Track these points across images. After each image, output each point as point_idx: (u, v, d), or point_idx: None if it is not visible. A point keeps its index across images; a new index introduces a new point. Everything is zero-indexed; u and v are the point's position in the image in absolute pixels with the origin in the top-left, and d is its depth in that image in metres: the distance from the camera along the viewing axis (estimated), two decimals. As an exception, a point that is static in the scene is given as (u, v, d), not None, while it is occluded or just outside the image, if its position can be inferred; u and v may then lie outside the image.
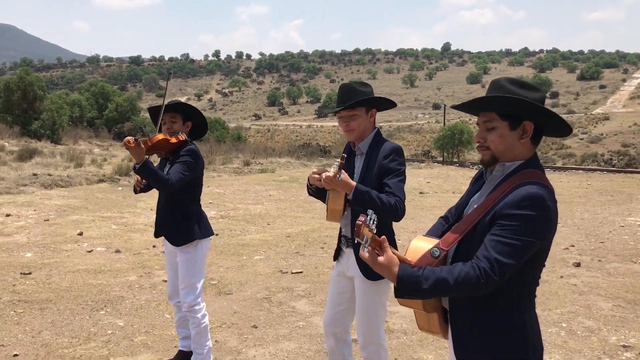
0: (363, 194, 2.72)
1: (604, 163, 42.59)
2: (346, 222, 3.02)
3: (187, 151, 3.65)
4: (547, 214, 1.85)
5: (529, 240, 1.82)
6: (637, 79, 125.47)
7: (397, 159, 2.88)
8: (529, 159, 2.00)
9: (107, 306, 5.29)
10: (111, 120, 44.77)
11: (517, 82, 2.02)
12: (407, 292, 1.85)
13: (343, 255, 3.12)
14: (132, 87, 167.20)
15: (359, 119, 2.92)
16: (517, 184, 1.91)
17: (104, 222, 9.30)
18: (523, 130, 1.98)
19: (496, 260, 1.80)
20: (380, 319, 3.01)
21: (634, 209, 11.87)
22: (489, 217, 1.91)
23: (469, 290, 1.83)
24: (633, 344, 4.51)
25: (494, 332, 1.94)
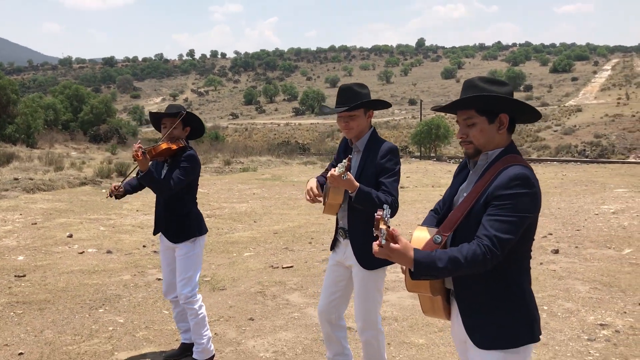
0: (365, 194, 2.93)
1: (577, 154, 43.47)
2: (343, 214, 3.21)
3: (187, 157, 3.89)
4: (534, 191, 2.10)
5: (522, 216, 2.06)
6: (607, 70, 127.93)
7: (393, 159, 3.10)
8: (507, 146, 2.25)
9: (106, 304, 5.43)
10: (87, 123, 44.28)
11: (487, 79, 2.27)
12: (424, 272, 2.03)
13: (340, 245, 3.31)
14: (107, 88, 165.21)
15: (358, 120, 3.13)
16: (502, 167, 2.15)
17: (92, 224, 9.37)
18: (500, 122, 2.23)
19: (496, 237, 2.03)
20: (377, 304, 3.22)
21: (607, 197, 12.28)
22: (482, 201, 2.14)
23: (477, 266, 2.04)
24: (609, 322, 4.80)
25: (498, 302, 2.17)
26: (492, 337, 2.18)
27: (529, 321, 2.18)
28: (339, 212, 3.20)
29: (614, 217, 9.79)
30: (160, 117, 3.99)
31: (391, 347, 4.39)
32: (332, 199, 3.05)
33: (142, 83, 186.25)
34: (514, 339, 2.16)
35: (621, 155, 42.93)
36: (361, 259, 3.13)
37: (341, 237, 3.28)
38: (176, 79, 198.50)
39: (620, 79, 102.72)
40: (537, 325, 2.20)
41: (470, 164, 2.36)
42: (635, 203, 11.21)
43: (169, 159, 3.97)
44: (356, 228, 3.15)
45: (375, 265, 3.13)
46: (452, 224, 2.20)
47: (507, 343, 2.17)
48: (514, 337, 2.16)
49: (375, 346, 3.24)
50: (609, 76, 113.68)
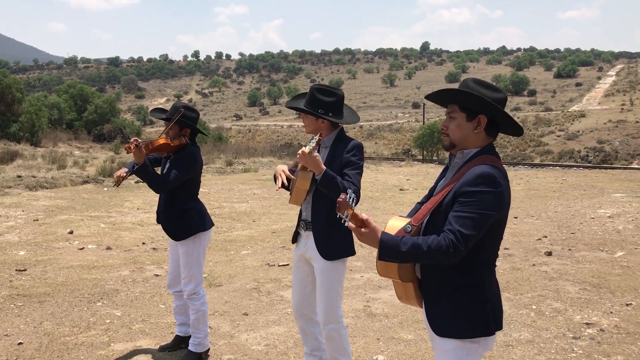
0: (330, 178, 3.02)
1: (580, 159, 43.49)
2: (307, 206, 3.33)
3: (186, 154, 3.96)
4: (499, 190, 2.21)
5: (484, 213, 2.17)
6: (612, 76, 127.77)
7: (358, 155, 3.24)
8: (484, 147, 2.35)
9: (104, 298, 5.55)
10: (91, 122, 44.50)
11: (481, 82, 2.38)
12: (387, 253, 2.17)
13: (301, 238, 3.42)
14: (111, 88, 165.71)
15: (308, 120, 3.30)
16: (472, 166, 2.26)
17: (93, 221, 9.51)
18: (477, 123, 2.34)
19: (459, 232, 2.15)
20: (338, 297, 3.32)
21: (604, 202, 12.37)
22: (450, 196, 2.26)
23: (440, 257, 2.16)
24: (595, 321, 4.90)
25: (457, 293, 2.29)
26: (447, 325, 2.30)
27: (484, 314, 2.28)
28: (303, 204, 3.31)
29: (610, 221, 9.88)
30: (159, 118, 4.09)
31: (380, 342, 4.50)
32: (299, 184, 3.15)
33: (147, 83, 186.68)
34: (468, 330, 2.28)
35: (624, 161, 42.93)
36: (322, 250, 3.25)
37: (302, 229, 3.39)
38: (181, 79, 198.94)
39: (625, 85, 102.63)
40: (494, 318, 2.31)
41: (450, 160, 2.48)
42: (631, 208, 11.29)
43: (172, 156, 4.05)
44: (319, 220, 3.26)
45: (335, 256, 3.25)
46: (422, 216, 2.33)
47: (462, 333, 2.28)
48: (469, 328, 2.28)
49: (337, 340, 3.32)
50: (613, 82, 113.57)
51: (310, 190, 3.22)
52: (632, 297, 5.57)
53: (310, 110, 3.25)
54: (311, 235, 3.30)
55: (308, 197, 3.27)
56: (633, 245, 7.87)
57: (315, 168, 3.01)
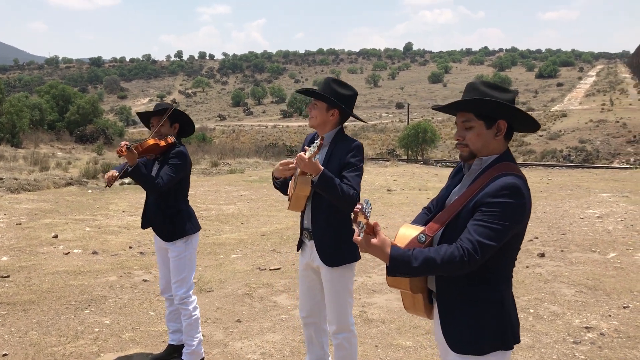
0: (328, 180, 2.90)
1: (562, 159, 43.84)
2: (307, 213, 3.21)
3: (176, 153, 3.85)
4: (522, 201, 2.10)
5: (507, 225, 2.06)
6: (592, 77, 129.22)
7: (358, 156, 3.11)
8: (503, 152, 2.25)
9: (91, 305, 5.38)
10: (73, 123, 43.92)
11: (490, 84, 2.27)
12: (398, 270, 2.06)
13: (306, 247, 3.30)
14: (93, 88, 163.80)
15: (318, 110, 3.15)
16: (495, 175, 2.15)
17: (78, 225, 9.30)
18: (497, 129, 2.22)
19: (478, 242, 2.04)
20: (348, 305, 3.21)
21: (592, 202, 12.40)
22: (471, 206, 2.14)
23: (454, 268, 2.05)
24: (594, 325, 4.84)
25: (477, 306, 2.18)
26: (465, 341, 2.19)
27: (504, 328, 2.18)
28: (304, 211, 3.20)
29: (599, 221, 9.89)
30: (148, 116, 3.97)
31: (379, 349, 4.40)
32: (299, 189, 3.02)
33: (130, 84, 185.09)
34: (488, 346, 2.17)
35: (605, 160, 43.38)
36: (325, 257, 3.13)
37: (306, 238, 3.27)
38: (164, 79, 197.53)
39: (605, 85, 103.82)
40: (512, 334, 2.21)
41: (465, 167, 2.37)
42: (619, 208, 11.32)
43: (160, 157, 3.94)
44: (320, 227, 3.15)
45: (339, 262, 3.13)
46: (438, 225, 2.21)
47: (481, 349, 2.18)
48: (489, 344, 2.17)
49: (347, 348, 3.22)
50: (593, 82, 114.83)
51: (310, 196, 3.11)
52: (628, 300, 5.53)
53: (328, 97, 3.11)
54: (314, 245, 3.19)
55: (308, 203, 3.15)
56: (624, 246, 7.87)
57: (312, 170, 2.90)
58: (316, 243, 3.16)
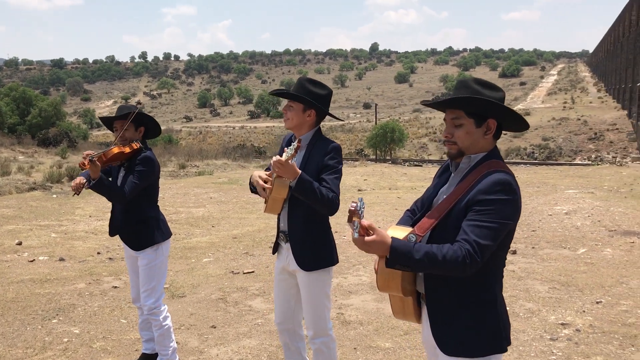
0: (306, 183, 2.83)
1: (526, 156, 44.63)
2: (283, 216, 3.12)
3: (142, 160, 3.71)
4: (515, 198, 2.07)
5: (502, 222, 2.03)
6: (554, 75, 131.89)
7: (337, 157, 3.04)
8: (491, 150, 2.21)
9: (59, 315, 5.20)
10: (35, 126, 42.86)
11: (482, 82, 2.22)
12: (399, 260, 1.99)
13: (282, 250, 3.21)
14: (56, 91, 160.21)
15: (294, 112, 3.06)
16: (485, 172, 2.11)
17: (43, 231, 9.02)
18: (487, 127, 2.19)
19: (476, 243, 1.99)
20: (326, 309, 3.14)
21: (559, 198, 12.60)
22: (463, 204, 2.09)
23: (454, 269, 1.99)
24: (570, 321, 4.88)
25: (470, 309, 2.13)
26: (458, 344, 2.14)
27: (497, 330, 2.15)
28: (280, 213, 3.11)
29: (567, 217, 10.05)
30: (111, 120, 3.83)
31: (357, 351, 4.34)
32: (276, 192, 2.94)
33: (93, 86, 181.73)
34: (481, 348, 2.13)
35: (568, 157, 44.30)
36: (301, 261, 3.06)
37: (282, 241, 3.19)
38: (128, 81, 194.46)
39: (566, 83, 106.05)
40: (506, 334, 2.18)
41: (452, 166, 2.32)
42: (585, 204, 11.54)
43: (126, 163, 3.80)
44: (296, 230, 3.07)
45: (316, 266, 3.06)
46: (428, 225, 2.16)
47: (474, 351, 2.13)
48: (481, 346, 2.13)
49: (326, 353, 3.16)
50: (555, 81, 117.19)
51: (287, 198, 3.02)
52: (600, 295, 5.60)
53: (304, 97, 3.02)
54: (290, 248, 3.11)
55: (285, 205, 3.07)
56: (593, 242, 7.99)
57: (290, 174, 2.82)
58: (292, 246, 3.09)
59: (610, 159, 35.25)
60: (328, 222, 3.16)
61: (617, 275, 6.30)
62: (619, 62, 61.34)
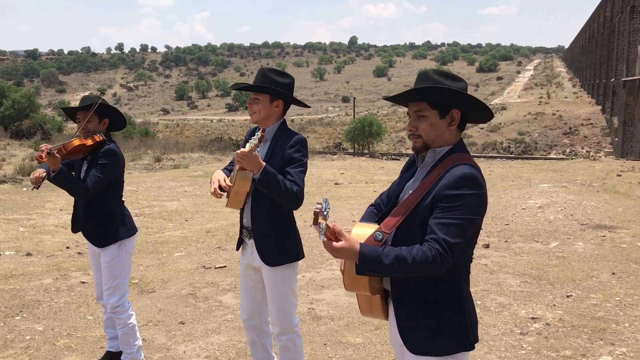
0: (270, 176, 2.76)
1: (502, 150, 45.10)
2: (247, 211, 3.06)
3: (105, 152, 3.59)
4: (482, 192, 2.03)
5: (470, 218, 1.99)
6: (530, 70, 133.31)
7: (302, 150, 2.97)
8: (456, 143, 2.17)
9: (23, 311, 5.06)
10: (7, 118, 42.00)
11: (443, 73, 2.18)
12: (369, 267, 1.94)
13: (246, 247, 3.15)
14: (30, 82, 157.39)
15: (261, 105, 2.98)
16: (450, 166, 2.07)
17: (10, 225, 8.81)
18: (451, 118, 2.14)
19: (445, 241, 1.95)
20: (292, 305, 3.09)
21: (532, 192, 12.70)
22: (429, 200, 2.05)
23: (426, 270, 1.95)
24: (540, 315, 4.90)
25: (436, 306, 2.09)
26: (424, 342, 2.10)
27: (464, 327, 2.11)
28: (243, 209, 3.04)
29: (540, 211, 10.12)
30: (73, 111, 3.71)
31: (327, 347, 4.30)
32: (238, 185, 2.86)
33: (68, 77, 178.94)
34: (448, 346, 2.09)
35: (543, 151, 44.88)
36: (265, 256, 2.99)
37: (246, 237, 3.12)
38: (104, 73, 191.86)
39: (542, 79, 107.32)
40: (473, 332, 2.14)
41: (418, 160, 2.27)
42: (559, 198, 11.64)
43: (89, 156, 3.68)
44: (260, 225, 3.00)
45: (281, 261, 3.00)
46: (394, 222, 2.11)
47: (440, 349, 2.10)
48: (448, 344, 2.09)
49: (292, 350, 3.11)
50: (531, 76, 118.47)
51: (250, 193, 2.95)
52: (571, 288, 5.64)
53: (271, 87, 2.93)
54: (254, 244, 3.04)
55: (248, 200, 3.00)
56: (565, 235, 8.06)
57: (253, 166, 2.74)
58: (256, 242, 3.02)
59: (584, 153, 35.80)
60: (292, 217, 3.10)
61: (588, 268, 6.35)
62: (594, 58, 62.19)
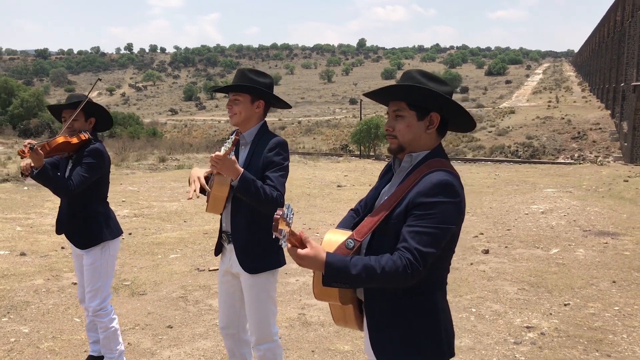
0: (249, 182, 2.67)
1: (510, 154, 44.80)
2: (226, 215, 2.96)
3: (90, 151, 3.52)
4: (458, 200, 1.93)
5: (444, 227, 1.89)
6: (539, 74, 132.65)
7: (282, 153, 2.87)
8: (434, 149, 2.06)
9: (11, 312, 5.00)
10: (16, 117, 42.27)
11: (427, 74, 2.07)
12: (335, 278, 1.85)
13: (225, 252, 3.06)
14: (39, 81, 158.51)
15: (242, 105, 2.89)
16: (426, 172, 1.97)
17: (8, 224, 8.78)
18: (430, 121, 2.04)
19: (417, 250, 1.85)
20: (271, 314, 2.99)
21: (536, 197, 12.56)
22: (403, 207, 1.95)
23: (396, 280, 1.86)
24: (535, 324, 4.78)
25: (408, 318, 1.99)
26: (396, 354, 2.01)
27: (438, 341, 2.01)
28: (222, 213, 2.94)
29: (543, 217, 9.98)
30: (59, 109, 3.65)
31: (315, 354, 4.20)
32: (216, 190, 2.77)
33: (77, 77, 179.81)
34: (419, 359, 2.00)
35: (551, 156, 44.54)
36: (244, 263, 2.89)
37: (225, 242, 3.02)
38: (113, 73, 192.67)
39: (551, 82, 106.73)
40: (448, 345, 2.04)
41: (394, 164, 2.18)
42: (562, 203, 11.49)
43: (74, 154, 3.61)
44: (239, 231, 2.90)
45: (260, 269, 2.90)
46: (367, 229, 2.01)
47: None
48: (420, 357, 2.00)
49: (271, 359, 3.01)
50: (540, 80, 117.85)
51: (229, 197, 2.86)
52: (569, 297, 5.52)
53: (253, 86, 2.84)
54: (233, 249, 2.95)
55: (227, 204, 2.91)
56: (567, 242, 7.92)
57: (230, 172, 2.65)
58: (236, 248, 2.93)
59: (593, 158, 35.49)
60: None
61: (588, 276, 6.22)
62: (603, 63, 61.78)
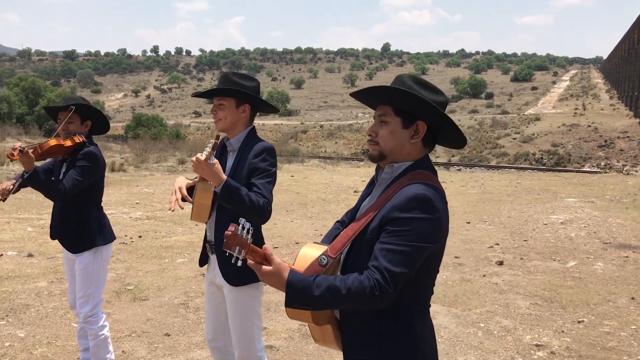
0: (232, 190, 2.54)
1: (535, 162, 44.11)
2: (211, 225, 2.84)
3: (84, 154, 3.44)
4: (435, 217, 1.77)
5: (418, 246, 1.73)
6: (566, 81, 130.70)
7: (269, 159, 2.75)
8: (418, 160, 1.91)
9: (10, 315, 4.96)
10: (43, 117, 42.89)
11: (420, 81, 1.93)
12: (297, 299, 1.73)
13: (210, 262, 2.95)
14: (66, 82, 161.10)
15: (227, 110, 2.78)
16: (404, 184, 1.82)
17: (20, 224, 8.80)
18: (415, 130, 1.89)
19: (387, 270, 1.70)
20: (255, 328, 2.86)
21: (557, 207, 12.24)
22: (377, 222, 1.81)
23: (364, 302, 1.72)
24: (545, 342, 4.57)
25: (382, 341, 1.85)
26: None
27: None
28: (207, 222, 2.82)
29: (562, 227, 9.70)
30: (55, 111, 3.57)
31: (313, 368, 4.06)
32: (199, 197, 2.66)
33: (104, 78, 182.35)
34: None
35: (577, 164, 43.71)
36: (228, 275, 2.76)
37: (209, 252, 2.90)
38: (139, 74, 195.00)
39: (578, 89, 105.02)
40: None
41: (377, 175, 2.04)
42: (584, 213, 11.17)
43: (68, 158, 3.53)
44: (222, 240, 2.78)
45: (243, 281, 2.76)
46: (341, 245, 1.87)
47: None
48: None
49: None
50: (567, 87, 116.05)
51: (214, 205, 2.74)
52: (584, 313, 5.28)
53: (239, 90, 2.74)
54: (217, 260, 2.83)
55: (213, 213, 2.79)
56: (585, 255, 7.65)
57: (213, 178, 2.52)
58: (219, 258, 2.81)
59: (619, 167, 34.73)
60: (260, 232, 2.88)
61: (605, 292, 5.97)
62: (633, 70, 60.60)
